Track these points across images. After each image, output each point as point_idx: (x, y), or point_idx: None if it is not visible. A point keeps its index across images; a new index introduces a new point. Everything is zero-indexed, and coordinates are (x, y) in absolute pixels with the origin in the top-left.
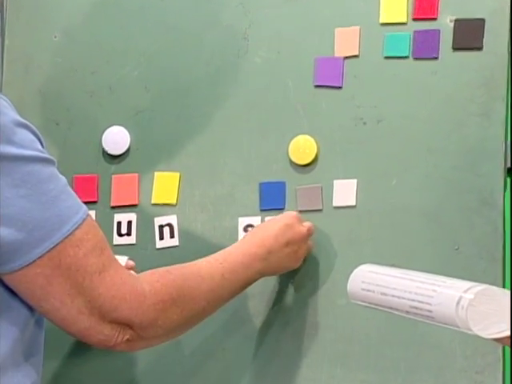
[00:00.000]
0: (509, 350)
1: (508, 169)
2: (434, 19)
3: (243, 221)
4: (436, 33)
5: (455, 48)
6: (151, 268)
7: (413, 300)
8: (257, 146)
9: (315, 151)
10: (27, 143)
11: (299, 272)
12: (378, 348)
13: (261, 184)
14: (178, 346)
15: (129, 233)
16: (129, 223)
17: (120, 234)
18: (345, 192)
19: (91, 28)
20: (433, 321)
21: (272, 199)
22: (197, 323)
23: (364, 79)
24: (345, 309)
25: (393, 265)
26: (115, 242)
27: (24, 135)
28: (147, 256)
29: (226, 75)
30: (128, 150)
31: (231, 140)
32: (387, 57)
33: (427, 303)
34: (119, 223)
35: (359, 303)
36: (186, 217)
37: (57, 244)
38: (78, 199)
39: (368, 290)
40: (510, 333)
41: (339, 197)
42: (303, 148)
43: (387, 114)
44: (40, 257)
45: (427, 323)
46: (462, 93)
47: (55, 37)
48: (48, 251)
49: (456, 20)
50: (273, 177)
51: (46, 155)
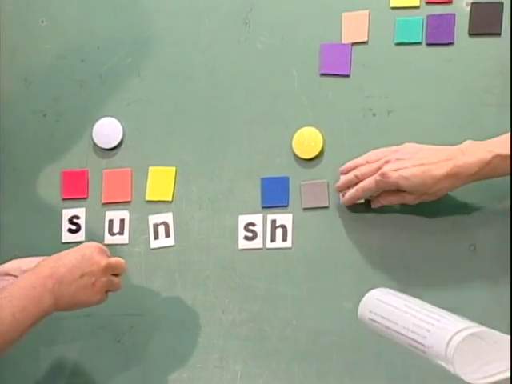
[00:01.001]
0: None
1: None
2: (449, 2)
3: (244, 219)
4: (451, 17)
5: (471, 33)
6: (144, 270)
7: (409, 338)
8: (258, 139)
9: (321, 144)
10: None
11: (303, 274)
12: (388, 355)
13: (262, 179)
14: (176, 355)
15: (121, 232)
16: (121, 221)
17: (112, 233)
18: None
19: (81, 12)
20: (432, 361)
21: (274, 196)
22: None
23: (373, 67)
24: (352, 313)
25: (404, 268)
26: (106, 242)
27: None
28: (141, 257)
29: (226, 63)
30: (120, 143)
31: (231, 132)
32: (398, 43)
33: (421, 344)
34: (111, 221)
35: (370, 329)
36: (183, 215)
37: None
38: None
39: (374, 321)
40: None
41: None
42: (308, 141)
43: (398, 105)
44: None
45: None
46: (479, 82)
47: (42, 21)
48: None
49: (472, 3)
50: (275, 172)
51: None
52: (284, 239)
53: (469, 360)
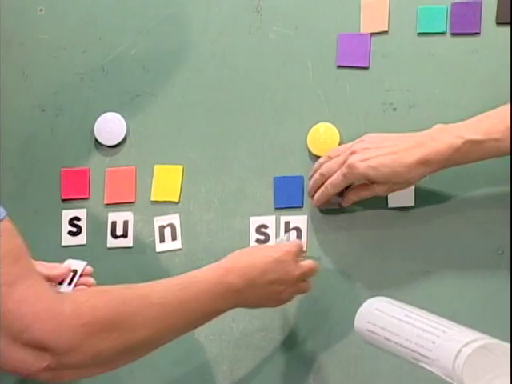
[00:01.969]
0: None
1: None
2: None
3: (255, 221)
4: (477, 5)
5: (499, 23)
6: (150, 275)
7: (413, 351)
8: (271, 136)
9: (337, 141)
10: None
11: (319, 281)
12: (409, 367)
13: (275, 178)
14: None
15: (125, 234)
16: (125, 223)
17: (115, 236)
18: None
19: (82, 0)
20: (438, 375)
21: (288, 196)
22: (140, 356)
23: (394, 59)
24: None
25: (427, 272)
26: (109, 245)
27: None
28: (146, 261)
29: (236, 54)
30: (124, 140)
31: (242, 128)
32: (421, 33)
33: (425, 357)
34: (114, 223)
35: (367, 342)
36: (191, 216)
37: None
38: None
39: (373, 332)
40: None
41: None
42: (324, 138)
43: (420, 99)
44: None
45: None
46: (506, 74)
47: (41, 10)
48: None
49: None
50: (289, 170)
51: None
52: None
53: (477, 374)
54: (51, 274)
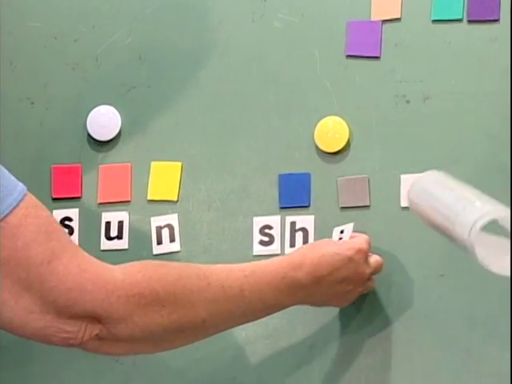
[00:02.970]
0: None
1: None
2: None
3: (259, 221)
4: None
5: None
6: None
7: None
8: (276, 130)
9: (347, 136)
10: None
11: None
12: (425, 377)
13: (280, 176)
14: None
15: (120, 236)
16: (120, 224)
17: (109, 238)
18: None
19: None
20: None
21: (294, 195)
22: (192, 339)
23: (407, 48)
24: (384, 329)
25: (441, 276)
26: (103, 247)
27: None
28: None
29: (238, 43)
30: (118, 135)
31: (244, 123)
32: (436, 20)
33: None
34: (108, 224)
35: (413, 207)
36: (190, 216)
37: None
38: (12, 177)
39: (424, 190)
40: None
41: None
42: (332, 132)
43: (435, 91)
44: None
45: (482, 350)
46: None
47: None
48: None
49: None
50: (295, 167)
51: None
52: (305, 244)
53: (493, 250)
54: None
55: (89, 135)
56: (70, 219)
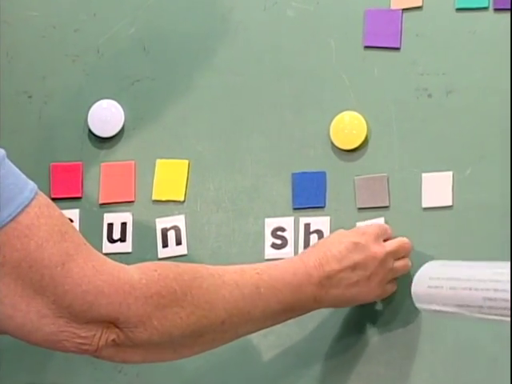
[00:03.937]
0: None
1: None
2: None
3: (271, 222)
4: None
5: None
6: None
7: (488, 289)
8: (289, 126)
9: (364, 132)
10: None
11: None
12: None
13: (294, 175)
14: None
15: (123, 238)
16: (123, 226)
17: (111, 240)
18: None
19: None
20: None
21: (308, 195)
22: (211, 345)
23: (429, 38)
24: (404, 337)
25: None
26: (105, 251)
27: None
28: None
29: (249, 33)
30: (121, 131)
31: (256, 118)
32: (460, 8)
33: (504, 290)
34: (110, 226)
35: (425, 308)
36: (197, 218)
37: None
38: (22, 174)
39: (436, 287)
40: None
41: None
42: (349, 128)
43: (459, 84)
44: None
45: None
46: None
47: None
48: None
49: None
50: (310, 166)
51: None
52: None
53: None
54: None
55: (90, 131)
56: (70, 220)
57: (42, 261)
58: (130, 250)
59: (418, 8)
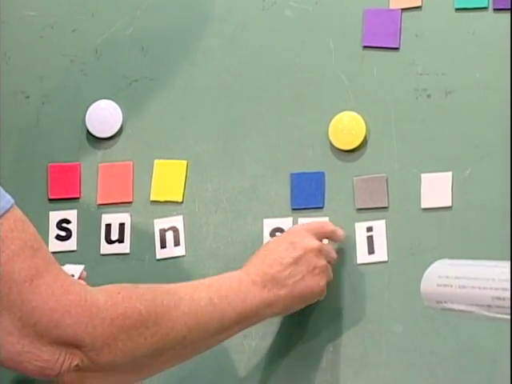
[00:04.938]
0: None
1: None
2: None
3: (270, 223)
4: None
5: None
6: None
7: (496, 289)
8: (288, 126)
9: (363, 133)
10: None
11: (343, 290)
12: None
13: (292, 175)
14: None
15: (121, 239)
16: (121, 226)
17: (109, 241)
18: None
19: None
20: None
21: (307, 195)
22: (170, 363)
23: (428, 38)
24: (402, 338)
25: None
26: (103, 252)
27: None
28: (144, 269)
29: (247, 34)
30: (119, 131)
31: (254, 118)
32: (459, 8)
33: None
34: (108, 226)
35: (434, 306)
36: (196, 218)
37: None
38: (0, 187)
39: (445, 286)
40: None
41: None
42: (348, 128)
43: (458, 84)
44: None
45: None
46: None
47: None
48: None
49: None
50: (308, 166)
51: None
52: None
53: None
54: None
55: (88, 131)
56: (68, 221)
57: (12, 274)
58: (128, 251)
59: (417, 8)
